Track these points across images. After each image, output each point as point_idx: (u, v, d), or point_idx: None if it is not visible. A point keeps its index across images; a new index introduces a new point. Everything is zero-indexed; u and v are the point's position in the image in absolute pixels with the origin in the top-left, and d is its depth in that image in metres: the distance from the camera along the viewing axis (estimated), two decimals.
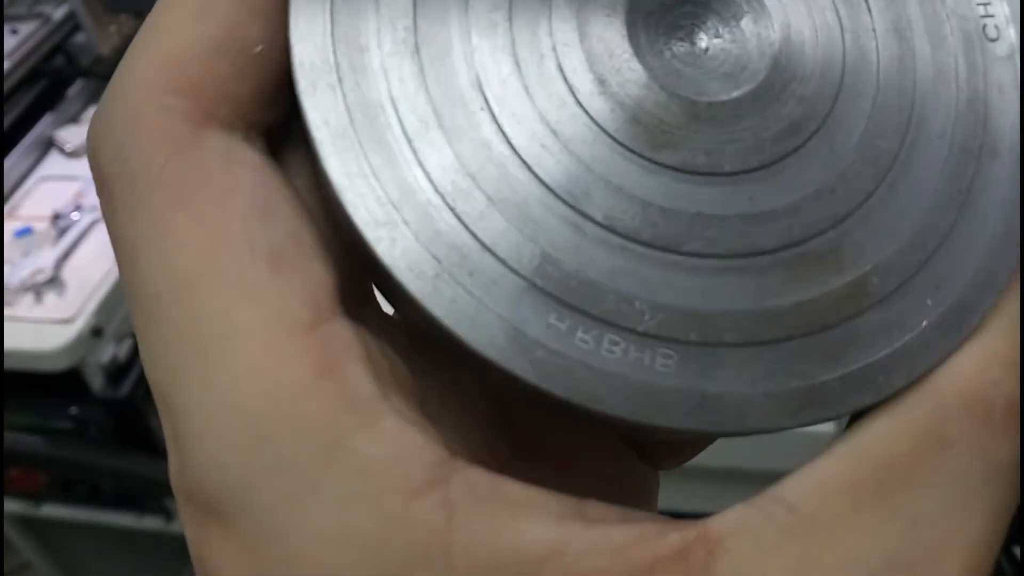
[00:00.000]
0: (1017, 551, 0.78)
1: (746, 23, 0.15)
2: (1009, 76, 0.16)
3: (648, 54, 0.15)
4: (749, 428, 0.14)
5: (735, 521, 0.13)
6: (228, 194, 0.13)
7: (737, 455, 0.69)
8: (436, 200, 0.14)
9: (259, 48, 0.14)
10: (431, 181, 0.14)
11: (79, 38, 1.02)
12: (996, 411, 0.14)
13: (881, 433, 0.14)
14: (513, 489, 0.13)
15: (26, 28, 1.01)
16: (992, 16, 0.16)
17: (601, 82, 0.15)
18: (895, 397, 0.14)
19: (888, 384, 0.14)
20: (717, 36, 0.15)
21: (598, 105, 0.14)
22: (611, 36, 0.15)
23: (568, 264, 0.14)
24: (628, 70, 0.15)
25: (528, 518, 0.12)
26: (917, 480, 0.13)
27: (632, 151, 0.14)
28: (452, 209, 0.14)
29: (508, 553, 0.12)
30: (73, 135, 0.98)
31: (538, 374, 0.13)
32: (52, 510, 1.01)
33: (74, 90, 0.99)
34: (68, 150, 0.97)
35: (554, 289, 0.14)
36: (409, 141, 0.14)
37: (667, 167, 0.14)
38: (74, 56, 1.01)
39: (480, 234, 0.14)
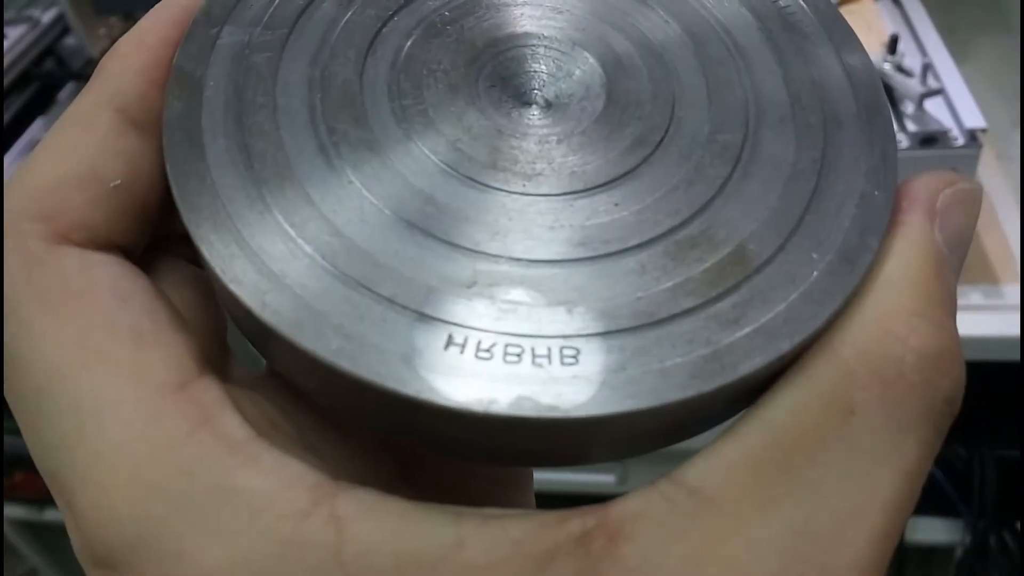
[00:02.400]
0: (1019, 526, 0.78)
1: (575, 72, 0.18)
2: (825, 54, 0.18)
3: (496, 115, 0.17)
4: (668, 401, 0.14)
5: (636, 507, 0.13)
6: (87, 290, 0.15)
7: None
8: (318, 262, 0.15)
9: (116, 182, 0.16)
10: (311, 247, 0.15)
11: (69, 41, 1.01)
12: (905, 368, 0.13)
13: (786, 406, 0.14)
14: (401, 502, 0.13)
15: (15, 32, 1.00)
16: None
17: (454, 144, 0.16)
18: (800, 365, 0.14)
19: (795, 332, 0.14)
20: (553, 85, 0.18)
21: (455, 158, 0.16)
22: (459, 108, 0.17)
23: (455, 292, 0.15)
24: (477, 128, 0.17)
25: (420, 521, 0.13)
26: (823, 451, 0.13)
27: (497, 188, 0.16)
28: (333, 267, 0.15)
29: (403, 556, 0.13)
30: None
31: (438, 396, 0.13)
32: (55, 514, 1.01)
33: (65, 93, 0.99)
34: None
35: (445, 315, 0.14)
36: (286, 216, 0.15)
37: (531, 197, 0.16)
38: (64, 59, 1.01)
39: (363, 283, 0.15)
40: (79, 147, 0.16)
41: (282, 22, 0.18)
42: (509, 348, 0.14)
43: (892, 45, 0.73)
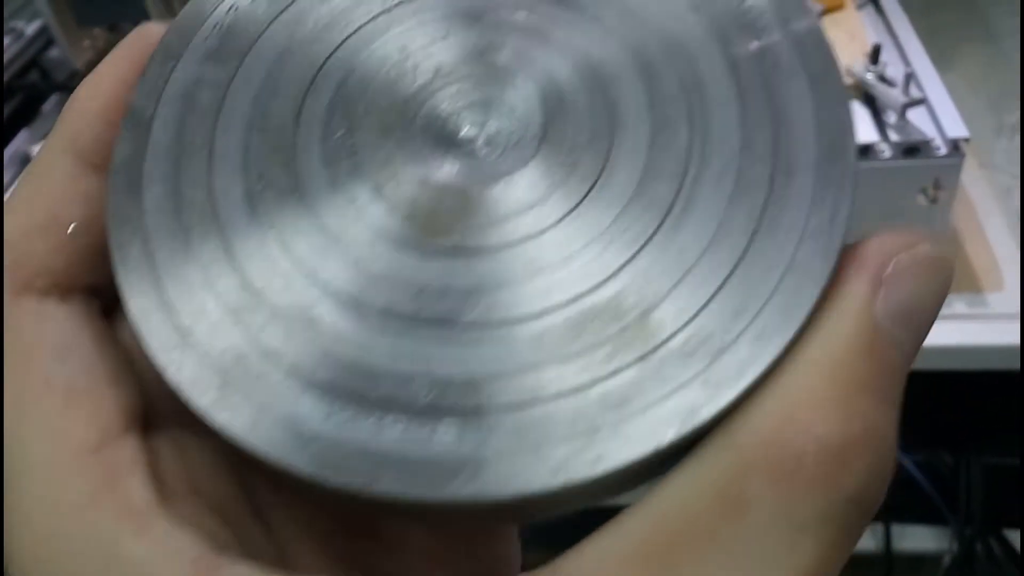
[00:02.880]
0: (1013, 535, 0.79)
1: (518, 107, 0.17)
2: (796, 89, 0.16)
3: (428, 159, 0.16)
4: (533, 491, 0.13)
5: None
6: (34, 345, 0.15)
7: None
8: (225, 318, 0.15)
9: (72, 226, 0.16)
10: (220, 302, 0.15)
11: (53, 53, 1.01)
12: (807, 461, 0.12)
13: (675, 495, 0.13)
14: None
15: None
16: (759, 19, 0.17)
17: (377, 190, 0.16)
18: (697, 451, 0.13)
19: (686, 421, 0.13)
20: (495, 122, 0.17)
21: (374, 210, 0.16)
22: (388, 151, 0.16)
23: (348, 355, 0.14)
24: (403, 173, 0.16)
25: None
26: (710, 546, 0.12)
27: (408, 244, 0.15)
28: (238, 323, 0.15)
29: None
30: None
31: (314, 465, 0.13)
32: None
33: (49, 105, 0.98)
34: None
35: (333, 381, 0.14)
36: (203, 268, 0.15)
37: (443, 250, 0.15)
38: (49, 71, 1.00)
39: (264, 342, 0.14)
40: (39, 196, 0.17)
41: (233, 55, 0.17)
42: (386, 422, 0.14)
43: (875, 55, 0.73)
